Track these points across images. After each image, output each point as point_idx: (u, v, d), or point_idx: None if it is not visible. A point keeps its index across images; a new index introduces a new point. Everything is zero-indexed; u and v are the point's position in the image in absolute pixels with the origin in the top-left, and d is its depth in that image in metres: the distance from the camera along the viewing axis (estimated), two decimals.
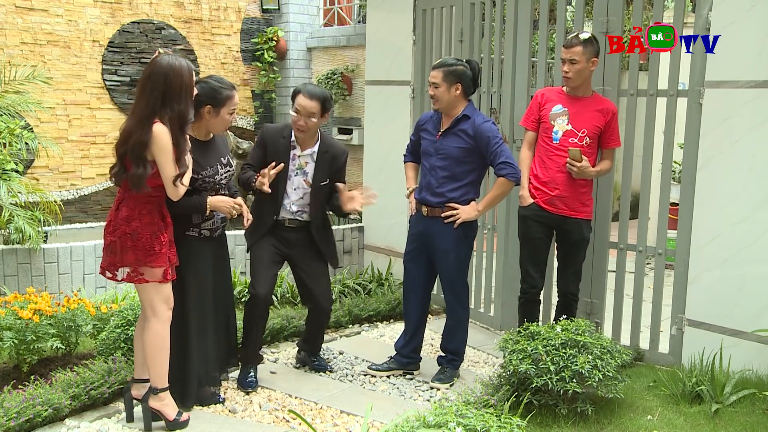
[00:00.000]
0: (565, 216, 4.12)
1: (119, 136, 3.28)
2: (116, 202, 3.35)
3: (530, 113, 4.26)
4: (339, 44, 7.08)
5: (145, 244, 3.25)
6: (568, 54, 4.01)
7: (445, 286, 4.15)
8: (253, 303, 3.94)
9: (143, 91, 3.22)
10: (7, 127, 5.09)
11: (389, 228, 6.07)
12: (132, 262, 3.26)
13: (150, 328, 3.37)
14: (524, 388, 3.58)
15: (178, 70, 3.24)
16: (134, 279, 3.30)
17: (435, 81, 3.96)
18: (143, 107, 3.20)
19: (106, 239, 3.32)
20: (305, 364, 4.34)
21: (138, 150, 3.17)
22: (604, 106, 4.11)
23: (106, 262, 3.33)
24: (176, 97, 3.22)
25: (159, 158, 3.19)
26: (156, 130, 3.17)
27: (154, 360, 3.38)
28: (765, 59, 3.91)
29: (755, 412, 3.61)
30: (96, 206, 6.44)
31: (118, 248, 3.27)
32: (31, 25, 5.98)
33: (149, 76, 3.22)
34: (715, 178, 4.13)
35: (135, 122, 3.20)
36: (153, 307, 3.36)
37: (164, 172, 3.21)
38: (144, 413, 3.41)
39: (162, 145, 3.18)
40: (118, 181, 3.30)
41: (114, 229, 3.29)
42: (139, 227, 3.26)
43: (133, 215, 3.27)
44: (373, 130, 6.16)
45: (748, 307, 4.04)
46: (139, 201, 3.28)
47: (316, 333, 4.31)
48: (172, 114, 3.22)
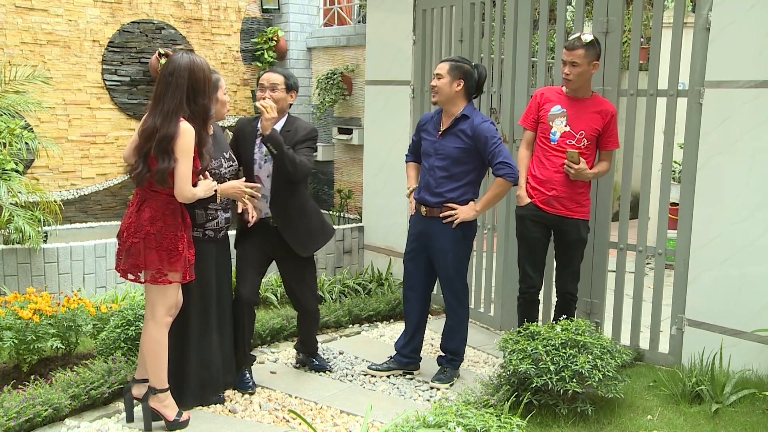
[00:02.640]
0: (562, 216, 4.12)
1: (140, 135, 3.25)
2: (136, 204, 3.32)
3: (529, 113, 4.26)
4: (339, 44, 7.08)
5: (169, 245, 3.25)
6: (569, 56, 3.99)
7: (444, 286, 4.15)
8: (237, 304, 3.90)
9: (167, 88, 3.23)
10: (7, 127, 5.09)
11: (389, 228, 6.07)
12: (155, 263, 3.25)
13: (146, 331, 3.38)
14: (524, 388, 3.59)
15: (200, 65, 3.28)
16: (158, 280, 3.28)
17: (440, 72, 3.96)
18: (169, 102, 3.21)
19: (127, 241, 3.29)
20: (305, 364, 4.34)
21: (164, 144, 3.17)
22: (604, 108, 4.10)
23: (128, 264, 3.29)
24: (200, 91, 3.27)
25: (179, 156, 3.19)
26: (183, 126, 3.20)
27: (151, 362, 3.39)
28: (765, 59, 3.91)
29: (755, 412, 3.61)
30: (96, 206, 6.44)
31: (141, 250, 3.25)
32: (31, 25, 5.97)
33: (172, 73, 3.23)
34: (715, 178, 4.13)
35: (161, 118, 3.19)
36: (153, 309, 3.36)
37: (180, 169, 3.21)
38: (144, 413, 3.42)
39: (185, 143, 3.19)
40: (140, 181, 3.27)
41: (136, 230, 3.26)
42: (163, 228, 3.25)
43: (156, 216, 3.26)
44: (373, 130, 6.16)
45: (748, 307, 4.05)
46: (162, 201, 3.27)
47: (307, 334, 4.28)
48: (197, 108, 3.26)
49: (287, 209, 3.95)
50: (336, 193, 7.12)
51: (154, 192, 3.28)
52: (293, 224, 3.97)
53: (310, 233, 4.04)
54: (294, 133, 3.94)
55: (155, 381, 3.40)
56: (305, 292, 4.13)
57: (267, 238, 3.98)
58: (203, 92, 3.29)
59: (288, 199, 3.94)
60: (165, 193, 3.28)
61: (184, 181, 3.22)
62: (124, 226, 3.33)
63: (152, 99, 3.29)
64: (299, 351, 4.36)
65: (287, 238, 3.95)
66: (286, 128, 3.94)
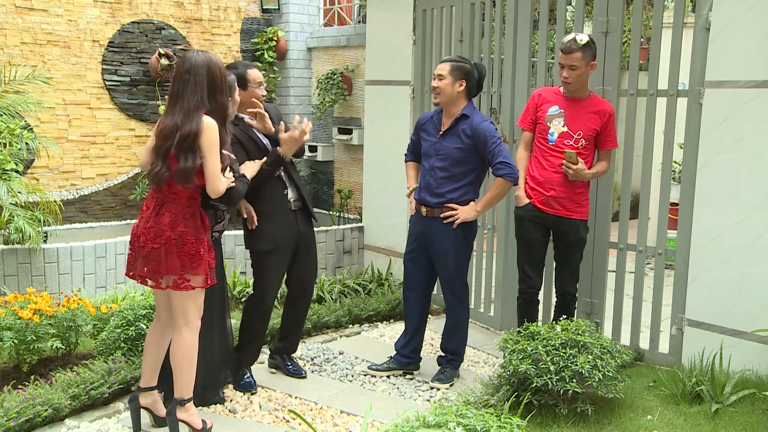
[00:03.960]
0: (560, 216, 4.11)
1: (159, 134, 3.15)
2: (153, 207, 3.21)
3: (527, 113, 4.25)
4: (339, 44, 7.08)
5: (191, 249, 3.16)
6: (567, 60, 3.97)
7: (444, 286, 4.15)
8: (261, 309, 3.94)
9: (185, 85, 3.13)
10: (7, 127, 5.09)
11: (389, 228, 6.07)
12: (177, 269, 3.15)
13: (182, 338, 3.25)
14: (524, 388, 3.59)
15: (216, 63, 3.20)
16: (181, 286, 3.18)
17: (441, 73, 3.95)
18: (189, 100, 3.11)
19: (146, 246, 3.16)
20: (279, 368, 4.22)
21: (187, 142, 3.08)
22: (601, 108, 4.10)
23: (149, 271, 3.17)
24: (219, 89, 3.19)
25: (206, 152, 3.11)
26: (207, 122, 3.12)
27: (184, 371, 3.26)
28: (765, 59, 3.91)
29: (755, 412, 3.61)
30: (96, 206, 6.44)
31: (162, 255, 3.14)
32: (31, 25, 5.97)
33: (189, 70, 3.14)
34: (715, 178, 4.13)
35: (181, 116, 3.10)
36: (187, 315, 3.25)
37: (210, 165, 3.13)
38: (171, 426, 3.29)
39: (212, 138, 3.12)
40: (159, 182, 3.14)
41: (156, 235, 3.15)
42: (184, 232, 3.16)
43: (177, 219, 3.17)
44: (373, 130, 6.16)
45: (748, 307, 4.04)
46: (182, 205, 3.19)
47: (296, 330, 4.18)
48: (216, 106, 3.18)
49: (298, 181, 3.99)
50: (336, 193, 7.12)
51: (173, 194, 3.18)
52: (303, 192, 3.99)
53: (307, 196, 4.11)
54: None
55: (184, 390, 3.28)
56: (311, 274, 4.12)
57: (293, 232, 3.93)
58: (221, 90, 3.20)
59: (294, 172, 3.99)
60: (185, 196, 3.19)
61: (216, 177, 3.15)
62: (141, 230, 3.21)
63: (169, 97, 3.19)
64: (276, 353, 4.21)
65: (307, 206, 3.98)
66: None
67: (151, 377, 3.42)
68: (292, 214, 3.93)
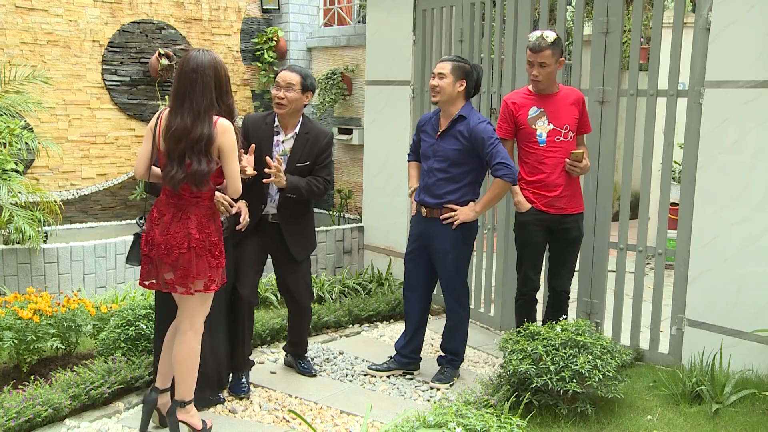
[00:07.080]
0: (563, 214, 4.13)
1: (169, 137, 3.07)
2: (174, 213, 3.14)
3: (503, 122, 4.19)
4: (339, 44, 7.08)
5: (215, 250, 3.17)
6: (537, 58, 3.97)
7: (444, 286, 4.15)
8: (238, 305, 3.85)
9: (192, 85, 3.06)
10: (7, 127, 5.09)
11: (389, 228, 6.07)
12: (206, 271, 3.13)
13: (185, 342, 3.24)
14: (524, 388, 3.58)
15: (222, 63, 3.16)
16: (210, 288, 3.16)
17: (442, 71, 3.95)
18: (198, 101, 3.05)
19: (173, 253, 3.10)
20: (292, 366, 4.29)
21: (201, 146, 3.03)
22: (576, 97, 4.14)
23: (178, 277, 3.12)
24: (225, 91, 3.15)
25: (228, 155, 3.08)
26: (224, 125, 3.08)
27: (186, 374, 3.26)
28: (765, 59, 3.91)
29: (755, 412, 3.61)
30: (96, 206, 6.44)
31: (191, 259, 3.10)
32: (31, 25, 5.97)
33: (195, 70, 3.06)
34: (715, 178, 4.13)
35: (191, 118, 3.03)
36: (193, 319, 3.24)
37: (231, 167, 3.11)
38: (171, 427, 3.29)
39: (231, 141, 3.09)
40: (175, 184, 3.08)
41: (182, 240, 3.10)
42: (210, 234, 3.16)
43: (202, 222, 3.15)
44: (373, 130, 6.16)
45: (748, 307, 4.04)
46: (205, 207, 3.17)
47: (298, 335, 4.23)
48: (224, 107, 3.13)
49: (293, 208, 3.93)
50: (336, 193, 7.12)
51: (196, 198, 3.13)
52: (294, 223, 3.95)
53: (307, 236, 4.04)
54: (315, 140, 3.91)
55: (186, 393, 3.28)
56: (299, 286, 4.07)
57: (265, 236, 3.93)
58: (228, 91, 3.15)
59: (297, 200, 3.91)
60: (207, 198, 3.17)
61: (237, 178, 3.13)
62: (161, 239, 3.12)
63: (173, 96, 3.11)
64: (288, 352, 4.31)
65: (287, 237, 3.92)
66: (303, 131, 3.92)
67: (167, 378, 3.39)
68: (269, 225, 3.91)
